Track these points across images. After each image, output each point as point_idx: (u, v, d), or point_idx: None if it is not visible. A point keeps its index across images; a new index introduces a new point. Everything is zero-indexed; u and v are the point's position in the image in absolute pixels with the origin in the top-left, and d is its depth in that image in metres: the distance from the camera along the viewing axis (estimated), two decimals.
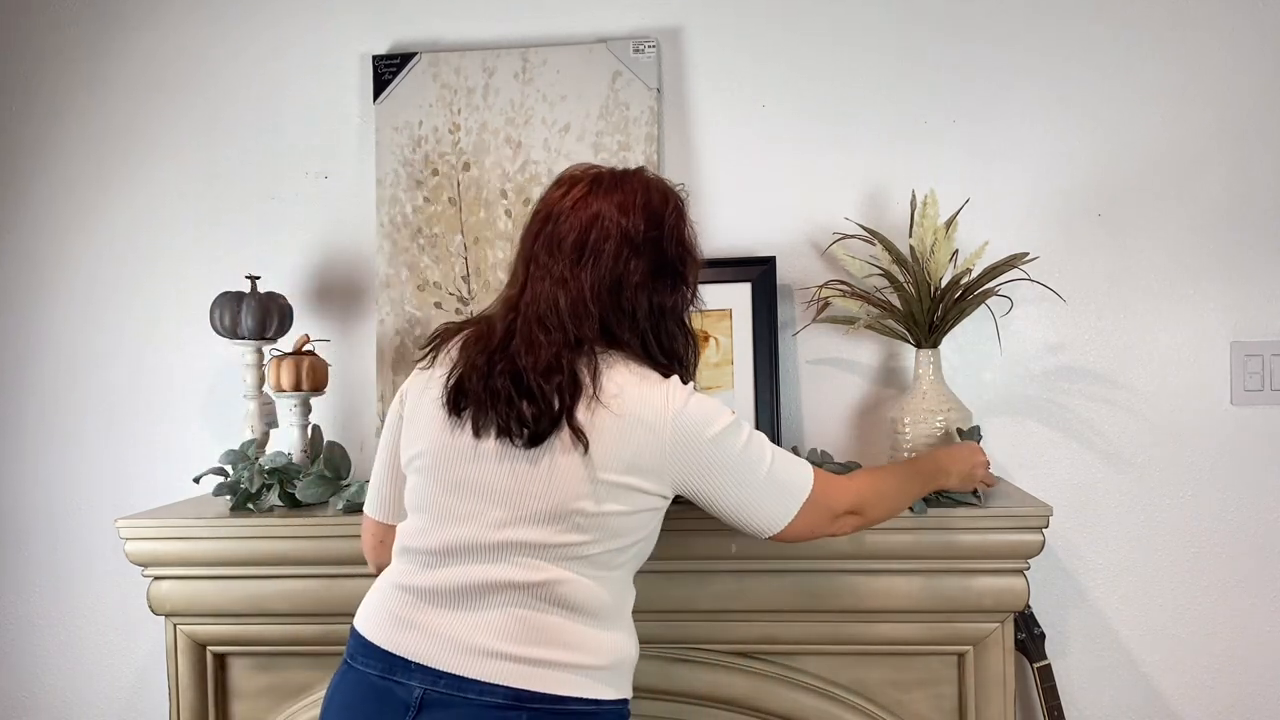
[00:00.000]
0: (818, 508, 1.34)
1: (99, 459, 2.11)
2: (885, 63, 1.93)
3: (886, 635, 1.65)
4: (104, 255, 2.10)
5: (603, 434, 1.24)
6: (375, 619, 1.30)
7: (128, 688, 2.11)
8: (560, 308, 1.26)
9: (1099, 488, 1.91)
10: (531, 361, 1.25)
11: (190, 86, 2.08)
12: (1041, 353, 1.92)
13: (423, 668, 1.23)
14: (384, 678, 1.25)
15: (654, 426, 1.25)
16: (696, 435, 1.27)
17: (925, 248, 1.75)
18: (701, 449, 1.27)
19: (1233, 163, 1.87)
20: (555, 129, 1.96)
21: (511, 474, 1.25)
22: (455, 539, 1.27)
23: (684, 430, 1.26)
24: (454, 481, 1.28)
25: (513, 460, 1.25)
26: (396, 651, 1.25)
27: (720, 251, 1.95)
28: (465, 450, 1.28)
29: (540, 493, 1.24)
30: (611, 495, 1.25)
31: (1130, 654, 1.91)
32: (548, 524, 1.24)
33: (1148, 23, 1.88)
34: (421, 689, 1.22)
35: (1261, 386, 1.87)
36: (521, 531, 1.24)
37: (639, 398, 1.26)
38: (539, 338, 1.26)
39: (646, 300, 1.30)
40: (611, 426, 1.24)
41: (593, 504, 1.24)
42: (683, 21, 1.98)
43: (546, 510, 1.24)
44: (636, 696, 1.69)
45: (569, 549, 1.25)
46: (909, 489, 1.50)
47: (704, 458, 1.28)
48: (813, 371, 1.95)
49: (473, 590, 1.25)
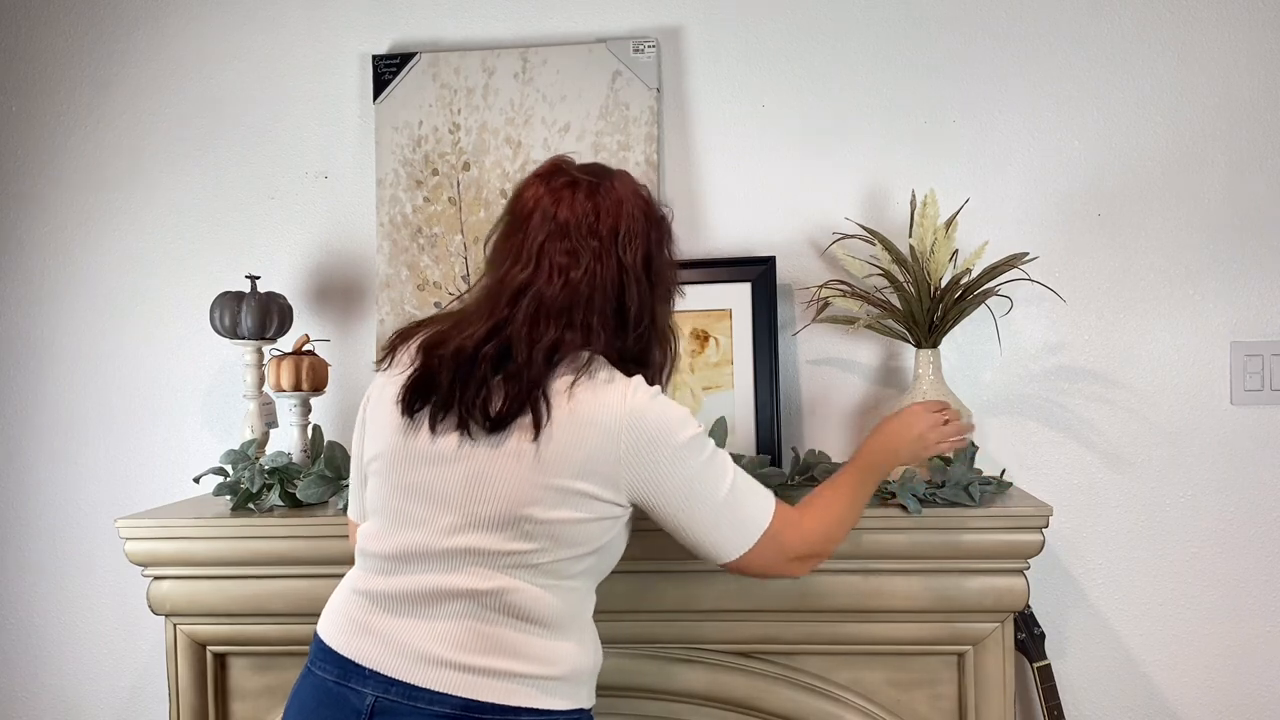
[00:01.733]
0: (775, 543, 1.29)
1: (99, 459, 2.11)
2: (885, 63, 1.93)
3: (886, 635, 1.65)
4: (104, 255, 2.10)
5: (555, 433, 1.20)
6: (334, 623, 1.29)
7: (128, 688, 2.12)
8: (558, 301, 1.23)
9: (1099, 488, 1.91)
10: (527, 333, 1.22)
11: (191, 86, 2.08)
12: (1041, 353, 1.92)
13: (376, 674, 1.22)
14: (339, 683, 1.24)
15: (609, 428, 1.21)
16: (655, 441, 1.22)
17: (925, 248, 1.75)
18: (659, 457, 1.23)
19: (1232, 163, 1.87)
20: (555, 129, 1.96)
21: (463, 478, 1.23)
22: (408, 544, 1.25)
23: (641, 434, 1.22)
24: (406, 485, 1.26)
25: (465, 462, 1.23)
26: (351, 657, 1.25)
27: (720, 251, 1.95)
28: (419, 453, 1.26)
29: (488, 497, 1.22)
30: (563, 501, 1.21)
31: (1130, 654, 1.91)
32: (496, 531, 1.22)
33: (1148, 22, 1.88)
34: (374, 696, 1.21)
35: (1261, 386, 1.87)
36: (471, 538, 1.22)
37: (594, 398, 1.22)
38: (539, 323, 1.22)
39: (638, 302, 1.28)
40: (565, 425, 1.21)
41: (541, 510, 1.21)
42: (683, 21, 1.98)
43: (495, 516, 1.21)
44: (637, 696, 1.70)
45: (518, 557, 1.22)
46: (862, 497, 1.44)
47: (661, 468, 1.23)
48: (813, 371, 1.95)
49: (424, 597, 1.24)
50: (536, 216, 1.27)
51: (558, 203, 1.27)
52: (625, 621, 1.67)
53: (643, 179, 1.91)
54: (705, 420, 1.80)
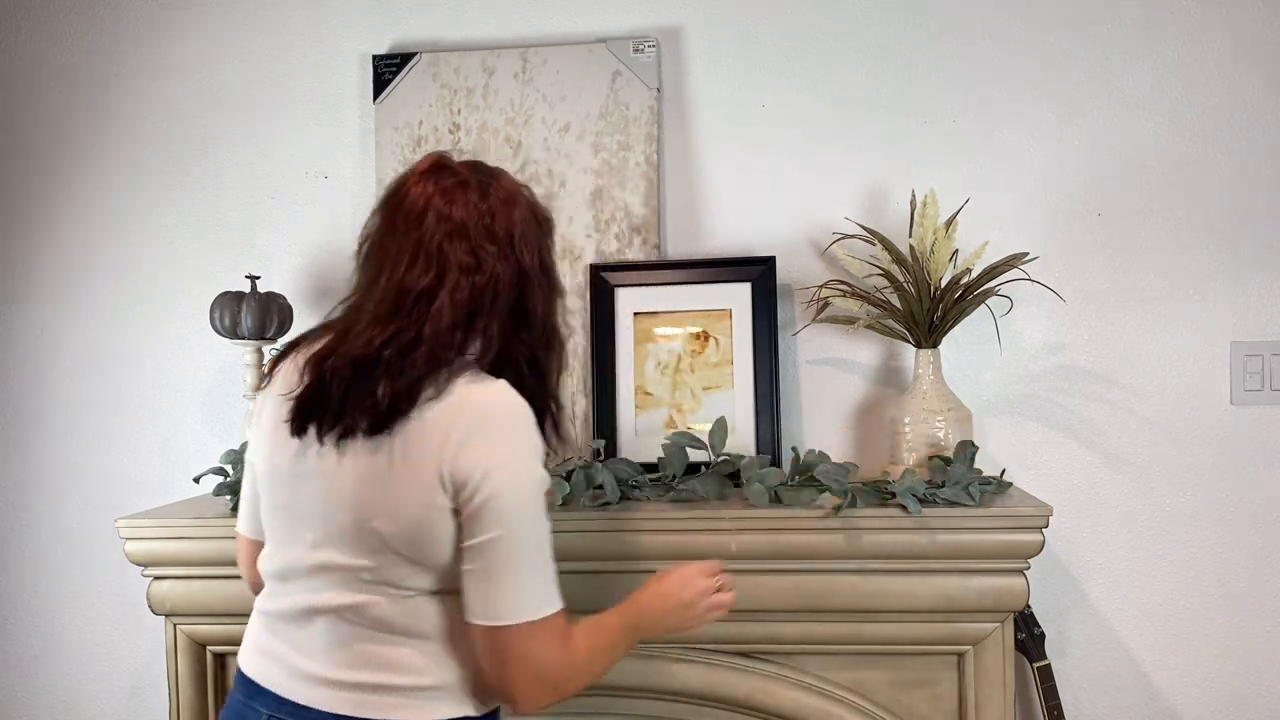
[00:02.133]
0: (539, 640, 1.16)
1: (99, 459, 2.11)
2: (885, 62, 1.93)
3: (886, 635, 1.65)
4: (104, 255, 2.10)
5: (409, 445, 1.16)
6: (245, 643, 1.30)
7: (127, 687, 2.11)
8: (464, 305, 1.19)
9: (1099, 488, 1.90)
10: (433, 338, 1.17)
11: (191, 86, 2.08)
12: (1041, 353, 1.92)
13: (271, 694, 1.22)
14: (245, 702, 1.25)
15: (452, 425, 1.16)
16: (490, 438, 1.15)
17: (925, 248, 1.75)
18: (483, 462, 1.15)
19: (1233, 163, 1.87)
20: (555, 129, 1.96)
21: (322, 494, 1.20)
22: (285, 561, 1.24)
23: (482, 424, 1.15)
24: (279, 503, 1.25)
25: (325, 478, 1.19)
26: (252, 676, 1.25)
27: (720, 251, 1.95)
28: (288, 470, 1.23)
29: (338, 511, 1.19)
30: (409, 514, 1.16)
31: (1130, 654, 1.91)
32: (349, 545, 1.19)
33: (1148, 22, 1.88)
34: (269, 715, 1.22)
35: (1261, 386, 1.87)
36: (330, 553, 1.20)
37: (451, 403, 1.17)
38: (444, 328, 1.18)
39: (542, 304, 1.25)
40: (415, 436, 1.16)
41: (390, 524, 1.17)
42: (683, 21, 1.98)
43: (347, 531, 1.18)
44: (637, 696, 1.70)
45: (373, 571, 1.18)
46: (620, 652, 1.30)
47: (477, 478, 1.14)
48: (813, 371, 1.95)
49: (300, 615, 1.22)
50: (430, 216, 1.21)
51: (450, 202, 1.21)
52: None
53: (643, 179, 1.93)
54: (705, 420, 1.80)
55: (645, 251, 1.93)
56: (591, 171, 1.94)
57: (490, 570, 1.16)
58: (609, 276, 1.91)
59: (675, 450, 1.73)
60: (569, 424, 1.35)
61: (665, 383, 1.89)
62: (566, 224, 1.94)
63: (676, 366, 1.89)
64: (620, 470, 1.73)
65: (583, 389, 1.92)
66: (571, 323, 1.90)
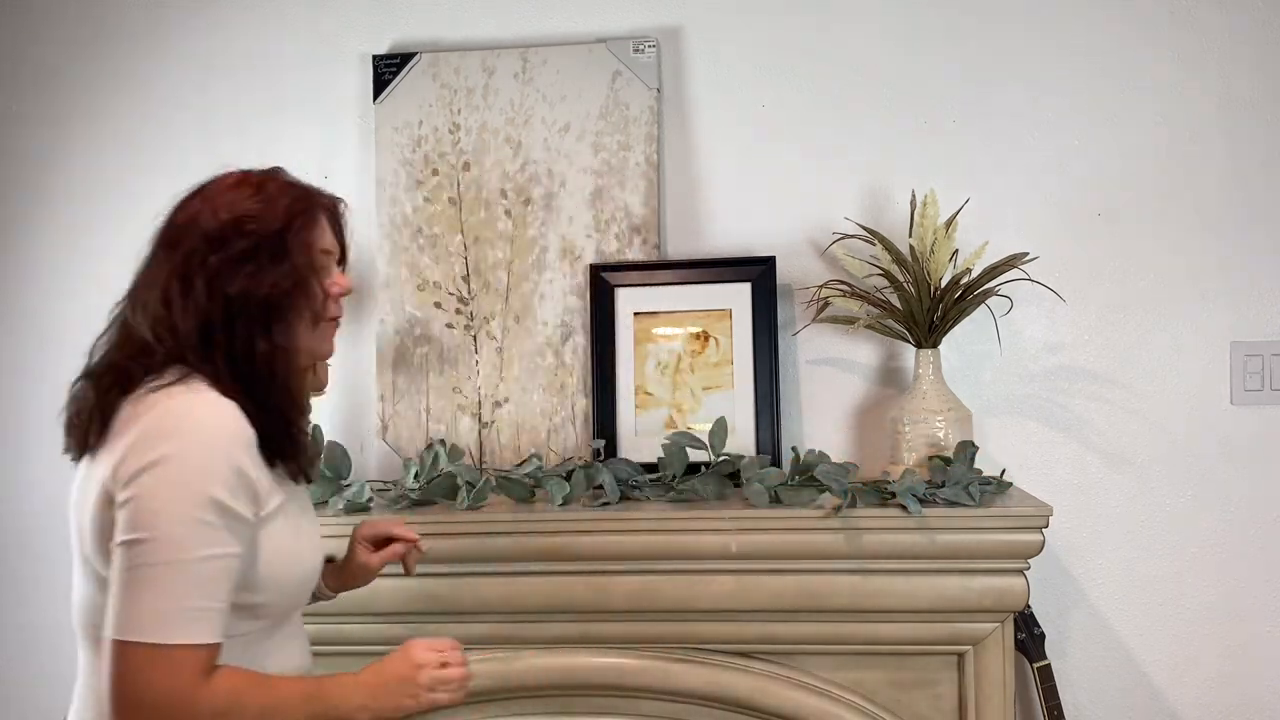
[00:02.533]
0: (161, 669, 1.02)
1: None
2: (885, 62, 1.93)
3: (886, 635, 1.65)
4: (104, 256, 2.09)
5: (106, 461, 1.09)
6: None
7: None
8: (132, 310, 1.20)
9: (1099, 488, 1.90)
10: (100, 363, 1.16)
11: (190, 86, 2.07)
12: (1041, 353, 1.92)
13: None
14: None
15: (122, 434, 1.08)
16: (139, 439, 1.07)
17: (925, 248, 1.75)
18: (132, 459, 1.06)
19: (1232, 163, 1.87)
20: (555, 129, 1.96)
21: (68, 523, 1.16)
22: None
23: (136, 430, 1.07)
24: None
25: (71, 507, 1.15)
26: None
27: (720, 251, 1.95)
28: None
29: (73, 540, 1.14)
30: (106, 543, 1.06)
31: (1130, 654, 1.90)
32: (80, 579, 1.13)
33: (1148, 21, 1.88)
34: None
35: (1261, 386, 1.87)
36: (74, 591, 1.15)
37: (135, 412, 1.10)
38: (115, 339, 1.18)
39: (205, 295, 1.20)
40: (109, 453, 1.09)
41: (96, 551, 1.08)
42: (683, 21, 1.98)
43: (78, 563, 1.13)
44: (637, 696, 1.70)
45: (101, 610, 1.06)
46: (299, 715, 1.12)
47: (126, 472, 1.05)
48: (813, 371, 1.95)
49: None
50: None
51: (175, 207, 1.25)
52: (625, 622, 1.67)
53: (643, 179, 1.93)
54: (705, 420, 1.80)
55: (645, 251, 1.93)
56: (591, 171, 1.94)
57: (113, 576, 1.06)
58: (609, 276, 1.91)
59: (675, 450, 1.73)
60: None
61: (665, 383, 1.90)
62: (567, 224, 1.94)
63: (676, 366, 1.90)
64: (620, 470, 1.73)
65: (583, 389, 1.92)
66: (571, 322, 1.90)
